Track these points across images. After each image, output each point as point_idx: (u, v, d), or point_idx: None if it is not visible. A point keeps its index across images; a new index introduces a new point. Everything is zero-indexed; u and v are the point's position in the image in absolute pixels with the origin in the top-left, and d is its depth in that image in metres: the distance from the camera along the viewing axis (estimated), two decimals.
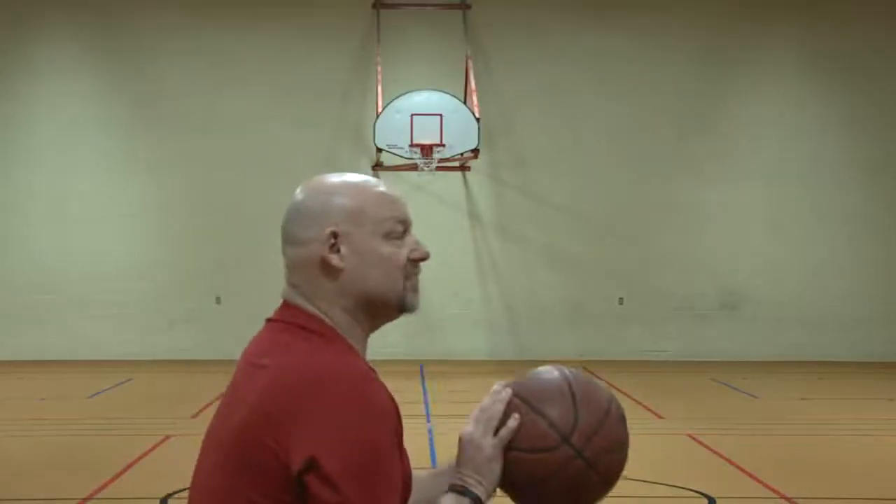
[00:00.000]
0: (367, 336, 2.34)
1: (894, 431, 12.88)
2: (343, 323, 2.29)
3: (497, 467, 2.29)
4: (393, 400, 2.24)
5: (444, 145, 17.91)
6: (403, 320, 2.41)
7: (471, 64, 19.33)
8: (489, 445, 2.29)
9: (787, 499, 9.04)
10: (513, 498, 2.35)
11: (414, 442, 11.87)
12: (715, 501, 8.90)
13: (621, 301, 20.61)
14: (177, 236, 20.23)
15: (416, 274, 2.35)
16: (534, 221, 20.40)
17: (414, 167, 18.25)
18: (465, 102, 18.53)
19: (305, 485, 2.12)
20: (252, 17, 20.44)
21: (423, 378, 16.86)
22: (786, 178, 20.86)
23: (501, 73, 20.49)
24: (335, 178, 2.36)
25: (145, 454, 10.73)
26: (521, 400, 2.31)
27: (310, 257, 2.29)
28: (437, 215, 20.22)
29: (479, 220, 20.52)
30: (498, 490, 2.36)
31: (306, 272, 2.30)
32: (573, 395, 2.30)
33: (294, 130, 19.97)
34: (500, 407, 2.31)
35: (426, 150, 17.87)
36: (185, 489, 2.65)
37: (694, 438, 11.87)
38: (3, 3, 20.41)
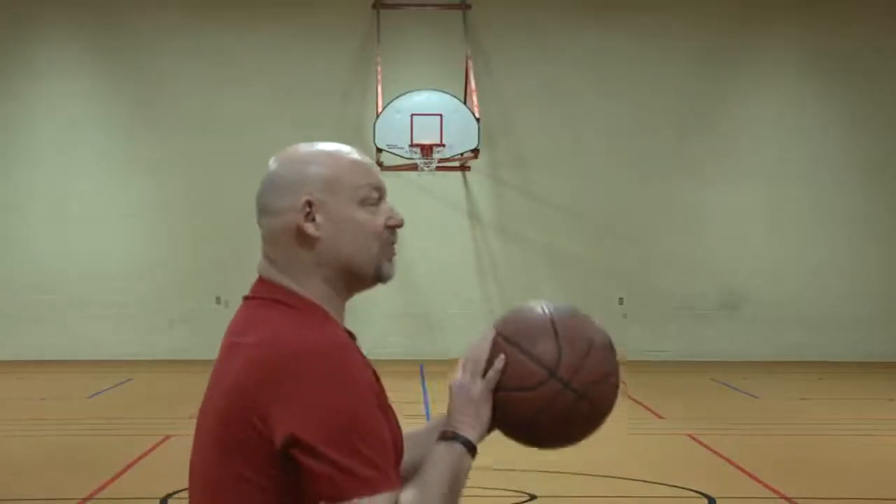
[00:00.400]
0: (344, 303, 2.34)
1: (894, 431, 12.88)
2: (320, 292, 2.28)
3: (486, 409, 2.28)
4: (368, 365, 2.24)
5: (444, 145, 17.91)
6: (404, 320, 2.42)
7: (471, 64, 19.33)
8: (477, 389, 2.28)
9: (787, 499, 9.04)
10: (510, 437, 2.34)
11: None
12: (715, 501, 8.90)
13: (621, 301, 20.60)
14: (177, 236, 20.23)
15: (393, 242, 2.35)
16: (534, 221, 20.40)
17: (414, 167, 18.25)
18: (465, 102, 18.54)
19: (292, 458, 2.13)
20: (252, 17, 20.44)
21: (423, 378, 16.86)
22: (786, 179, 20.86)
23: (501, 73, 20.49)
24: (309, 147, 2.35)
25: (145, 454, 10.73)
26: (505, 339, 2.29)
27: (285, 227, 2.28)
28: (437, 215, 20.23)
29: (479, 220, 20.52)
30: (499, 432, 2.35)
31: (282, 243, 2.29)
32: (556, 330, 2.28)
33: (294, 130, 19.94)
34: (486, 348, 2.29)
35: (426, 150, 17.87)
36: (185, 489, 2.66)
37: (694, 438, 11.87)
38: (3, 3, 20.41)
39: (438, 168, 18.36)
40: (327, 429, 2.12)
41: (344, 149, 2.36)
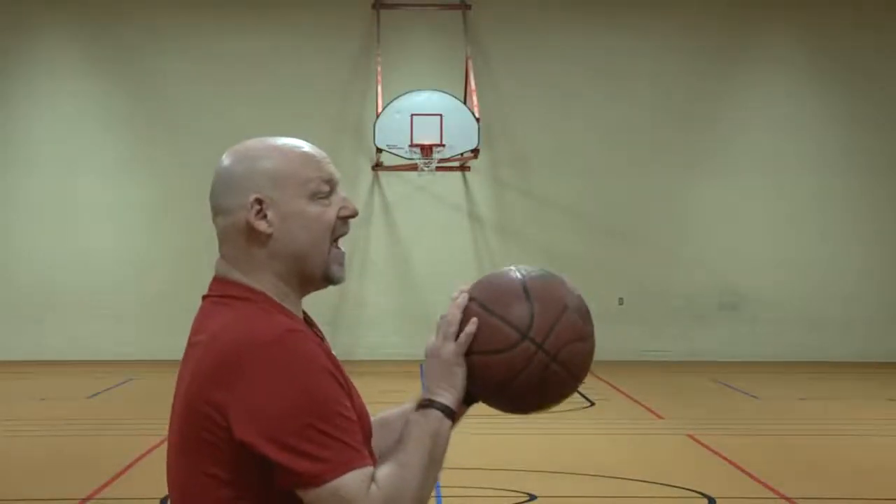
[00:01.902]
0: (299, 300, 2.32)
1: (894, 431, 12.88)
2: (273, 288, 2.27)
3: (460, 372, 2.26)
4: (321, 345, 2.23)
5: (444, 145, 17.91)
6: (404, 320, 2.42)
7: (471, 64, 19.33)
8: (449, 353, 2.27)
9: (787, 499, 9.04)
10: (487, 403, 2.33)
11: None
12: (715, 501, 8.90)
13: (621, 301, 20.60)
14: (177, 236, 20.23)
15: (345, 234, 2.32)
16: (534, 221, 20.40)
17: (414, 167, 18.25)
18: (465, 102, 18.54)
19: (255, 449, 2.12)
20: (252, 16, 20.44)
21: (423, 378, 16.86)
22: (786, 179, 20.86)
23: (501, 73, 20.49)
24: (258, 143, 2.34)
25: (145, 454, 10.73)
26: (477, 303, 2.29)
27: (237, 225, 2.27)
28: (437, 215, 20.23)
29: (479, 220, 20.52)
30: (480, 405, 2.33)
31: (235, 240, 2.29)
32: (527, 293, 2.27)
33: (294, 130, 19.89)
34: (457, 313, 2.28)
35: (426, 150, 17.87)
36: None
37: (694, 438, 11.87)
38: (2, 3, 20.40)
39: (438, 168, 18.36)
40: (282, 416, 2.11)
41: (293, 142, 2.35)
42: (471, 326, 2.26)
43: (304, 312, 2.36)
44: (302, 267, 2.28)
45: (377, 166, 19.84)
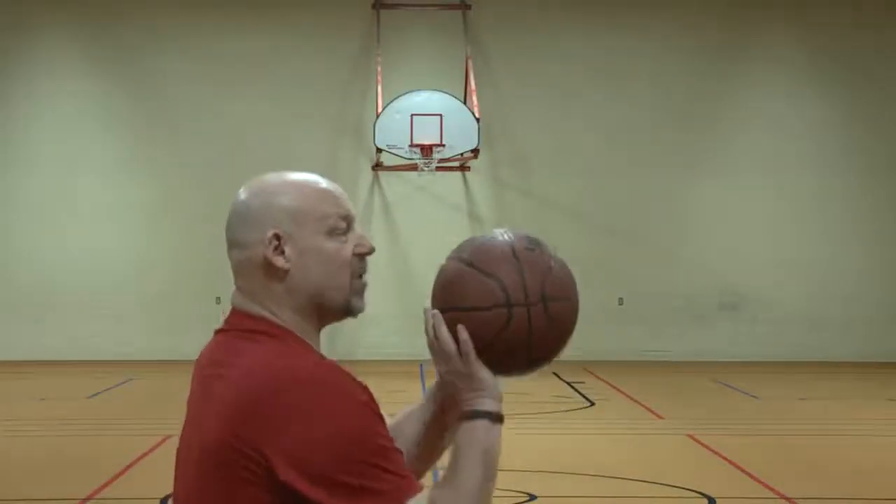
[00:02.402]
0: (318, 333, 2.32)
1: (894, 431, 12.88)
2: (293, 323, 2.27)
3: (485, 373, 2.26)
4: (357, 380, 2.22)
5: (444, 145, 17.91)
6: (404, 320, 2.42)
7: (471, 64, 19.33)
8: (461, 365, 2.26)
9: (787, 499, 9.04)
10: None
11: None
12: (715, 501, 8.90)
13: (621, 301, 20.60)
14: (177, 236, 20.23)
15: (363, 272, 2.32)
16: (534, 221, 20.38)
17: (414, 167, 18.25)
18: (465, 102, 18.54)
19: (304, 494, 2.10)
20: (252, 16, 20.44)
21: (422, 378, 16.86)
22: (786, 179, 20.86)
23: (501, 73, 20.49)
24: (276, 178, 2.33)
25: (145, 454, 10.73)
26: (464, 262, 2.31)
27: (254, 259, 2.27)
28: (437, 215, 20.23)
29: (479, 220, 20.51)
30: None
31: (252, 275, 2.28)
32: (516, 255, 2.30)
33: (294, 130, 19.97)
34: (442, 329, 2.27)
35: (426, 150, 17.87)
36: None
37: (694, 438, 11.87)
38: (3, 3, 20.40)
39: (438, 168, 18.36)
40: (333, 458, 2.09)
41: (312, 178, 2.33)
42: (463, 333, 2.25)
43: None
44: (320, 302, 2.28)
45: (377, 166, 19.83)
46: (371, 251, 2.34)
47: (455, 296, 2.29)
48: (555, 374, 17.64)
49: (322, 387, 2.14)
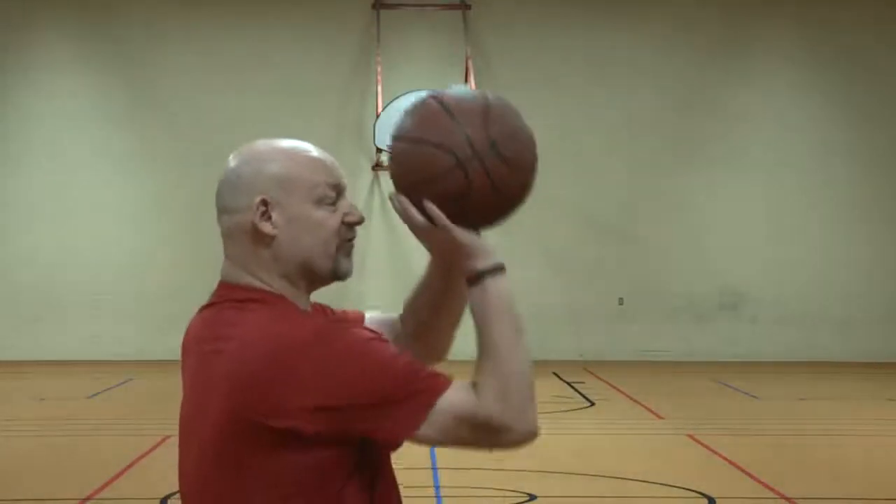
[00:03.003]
0: (307, 298, 2.34)
1: (894, 431, 12.88)
2: (282, 288, 2.28)
3: (467, 236, 2.27)
4: (350, 319, 2.30)
5: None
6: None
7: (471, 64, 19.33)
8: (443, 235, 2.27)
9: (787, 499, 9.04)
10: (408, 195, 2.30)
11: None
12: (715, 501, 8.90)
13: (621, 301, 20.60)
14: (177, 235, 20.23)
15: (351, 238, 2.35)
16: (534, 221, 20.37)
17: None
18: None
19: (338, 433, 2.14)
20: (252, 15, 20.44)
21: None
22: (787, 178, 20.86)
23: (501, 73, 20.48)
24: (266, 145, 2.36)
25: (145, 454, 10.72)
26: (410, 141, 2.29)
27: (243, 225, 2.29)
28: None
29: None
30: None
31: (241, 241, 2.30)
32: (450, 113, 2.27)
33: (294, 130, 19.94)
34: (412, 212, 2.30)
35: None
36: None
37: (694, 438, 11.87)
38: (2, 2, 20.40)
39: None
40: (358, 388, 2.13)
41: (302, 146, 2.36)
42: (431, 207, 2.26)
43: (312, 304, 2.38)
44: (307, 267, 2.29)
45: (377, 166, 19.83)
46: (361, 220, 2.37)
47: (410, 174, 2.28)
48: (555, 374, 17.64)
49: (324, 338, 2.16)
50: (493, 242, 2.30)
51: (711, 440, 11.66)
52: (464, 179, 2.24)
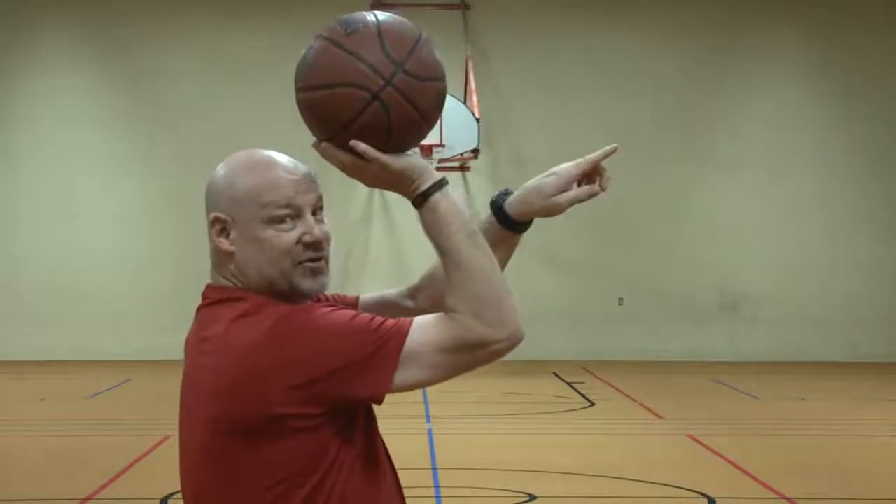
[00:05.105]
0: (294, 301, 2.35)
1: (894, 431, 12.88)
2: (259, 290, 2.31)
3: (401, 161, 2.26)
4: (314, 303, 2.30)
5: (443, 145, 17.90)
6: None
7: (470, 64, 19.33)
8: (379, 168, 2.25)
9: (787, 499, 9.04)
10: (336, 142, 2.28)
11: (414, 442, 11.79)
12: (715, 501, 8.90)
13: (621, 301, 20.60)
14: (176, 235, 20.22)
15: (315, 258, 2.31)
16: (534, 222, 20.38)
17: None
18: (464, 102, 18.54)
19: (327, 403, 2.16)
20: (252, 15, 20.44)
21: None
22: (787, 178, 20.86)
23: (501, 73, 20.49)
24: (241, 158, 2.39)
25: (145, 454, 10.73)
26: (314, 88, 2.28)
27: (211, 236, 2.35)
28: None
29: (480, 221, 20.50)
30: None
31: (213, 250, 2.36)
32: (343, 48, 2.26)
33: (294, 130, 19.87)
34: (341, 155, 2.26)
35: (426, 150, 17.85)
36: None
37: (694, 438, 11.87)
38: (3, 1, 20.40)
39: (438, 168, 18.34)
40: (322, 351, 2.15)
41: (268, 161, 2.36)
42: (359, 145, 2.23)
43: None
44: (269, 283, 2.30)
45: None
46: (317, 241, 2.31)
47: (327, 121, 2.26)
48: (555, 374, 17.65)
49: (283, 322, 2.18)
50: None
51: (711, 440, 11.66)
52: (381, 109, 2.23)
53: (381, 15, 2.30)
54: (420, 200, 2.25)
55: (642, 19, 20.71)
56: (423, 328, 2.18)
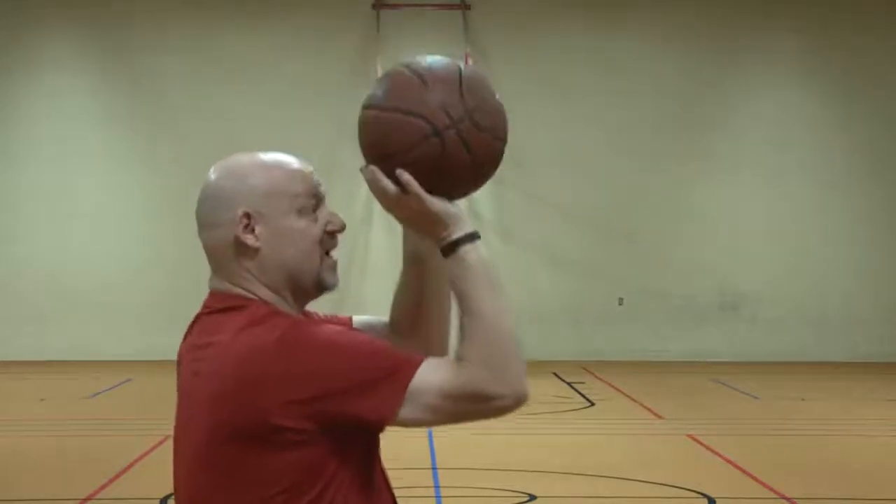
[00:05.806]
0: (297, 307, 2.34)
1: (894, 431, 12.88)
2: (267, 297, 2.30)
3: (441, 204, 2.23)
4: (322, 320, 2.32)
5: None
6: None
7: (470, 64, 19.32)
8: (416, 204, 2.23)
9: (787, 499, 9.04)
10: (377, 162, 2.26)
11: (414, 442, 11.79)
12: (715, 501, 8.90)
13: (621, 301, 20.60)
14: (177, 236, 20.20)
15: (333, 248, 2.33)
16: (534, 221, 20.40)
17: None
18: None
19: (322, 421, 2.15)
20: (252, 16, 20.45)
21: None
22: (786, 179, 20.86)
23: (501, 73, 20.46)
24: (246, 159, 2.37)
25: (145, 454, 10.73)
26: (383, 109, 2.28)
27: (225, 239, 2.32)
28: None
29: (480, 221, 20.50)
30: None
31: (224, 254, 2.33)
32: (424, 82, 2.26)
33: (294, 130, 19.96)
34: (385, 182, 2.24)
35: None
36: None
37: (694, 438, 11.87)
38: (3, 1, 20.40)
39: None
40: (329, 370, 2.14)
41: (280, 158, 2.37)
42: (404, 175, 2.22)
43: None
44: (292, 279, 2.30)
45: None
46: (342, 228, 2.35)
47: (383, 144, 2.25)
48: (555, 374, 17.64)
49: (292, 334, 2.17)
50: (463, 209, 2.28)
51: (711, 440, 11.66)
52: (439, 147, 2.21)
53: (468, 68, 2.31)
54: (450, 249, 2.24)
55: (642, 19, 20.71)
56: (433, 368, 2.16)
